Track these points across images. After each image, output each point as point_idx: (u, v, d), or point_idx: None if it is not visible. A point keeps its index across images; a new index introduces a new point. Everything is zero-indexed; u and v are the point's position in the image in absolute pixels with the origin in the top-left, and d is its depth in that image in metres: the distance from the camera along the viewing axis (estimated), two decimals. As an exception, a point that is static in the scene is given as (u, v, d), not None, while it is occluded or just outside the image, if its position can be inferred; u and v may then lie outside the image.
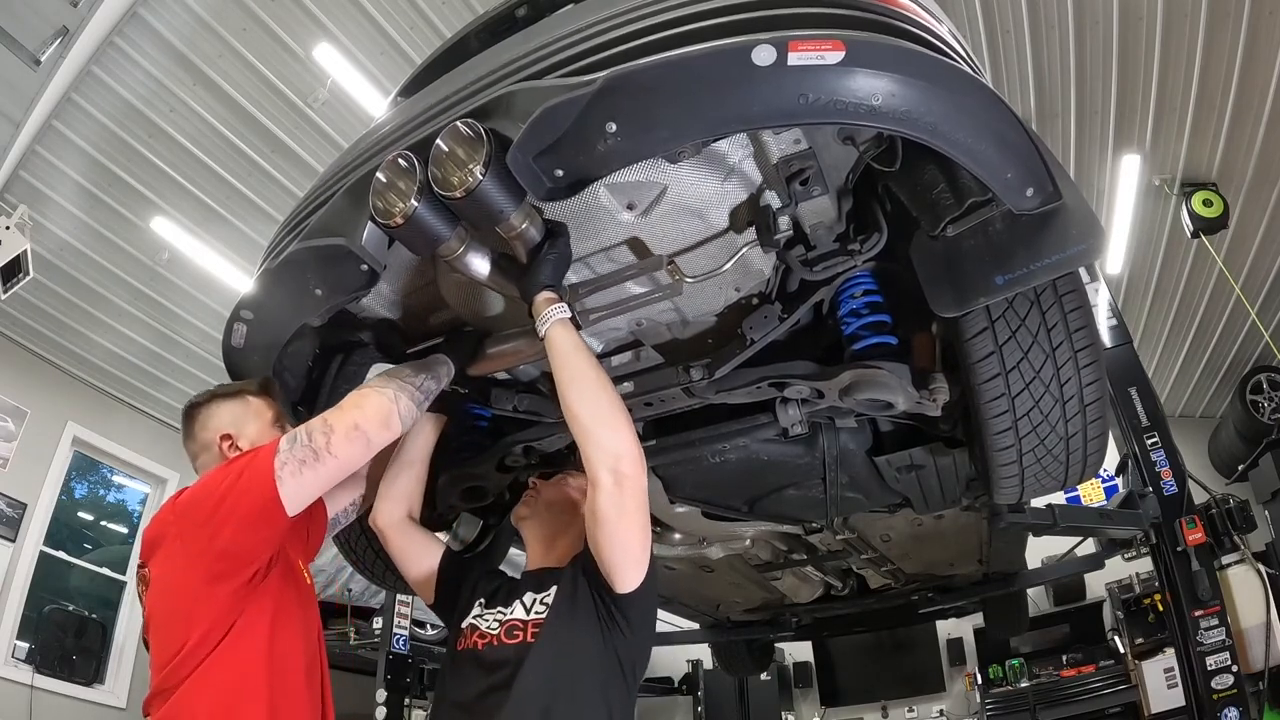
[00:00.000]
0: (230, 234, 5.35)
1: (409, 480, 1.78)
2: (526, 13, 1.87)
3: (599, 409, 1.39)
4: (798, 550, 2.84)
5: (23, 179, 4.69)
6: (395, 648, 4.55)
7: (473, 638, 1.58)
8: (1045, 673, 6.83)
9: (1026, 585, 3.90)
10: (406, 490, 1.78)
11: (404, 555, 1.78)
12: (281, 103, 4.80)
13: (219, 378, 1.70)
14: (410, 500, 1.78)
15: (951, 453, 1.80)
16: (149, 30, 4.27)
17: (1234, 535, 3.26)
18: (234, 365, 1.62)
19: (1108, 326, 3.51)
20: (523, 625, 1.53)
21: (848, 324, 1.57)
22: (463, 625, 1.64)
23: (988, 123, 1.10)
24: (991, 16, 4.55)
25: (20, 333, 5.79)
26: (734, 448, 1.86)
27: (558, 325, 1.40)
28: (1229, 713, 2.92)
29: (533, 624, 1.52)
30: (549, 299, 1.41)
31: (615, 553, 1.43)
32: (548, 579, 1.61)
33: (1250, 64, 4.57)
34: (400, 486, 1.77)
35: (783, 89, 1.02)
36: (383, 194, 1.27)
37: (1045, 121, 5.12)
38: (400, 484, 1.77)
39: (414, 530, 1.79)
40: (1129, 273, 6.24)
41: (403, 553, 1.78)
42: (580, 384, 1.39)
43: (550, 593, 1.55)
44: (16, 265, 4.51)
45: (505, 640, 1.52)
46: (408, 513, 1.78)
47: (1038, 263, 1.23)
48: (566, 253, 1.43)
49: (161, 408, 6.65)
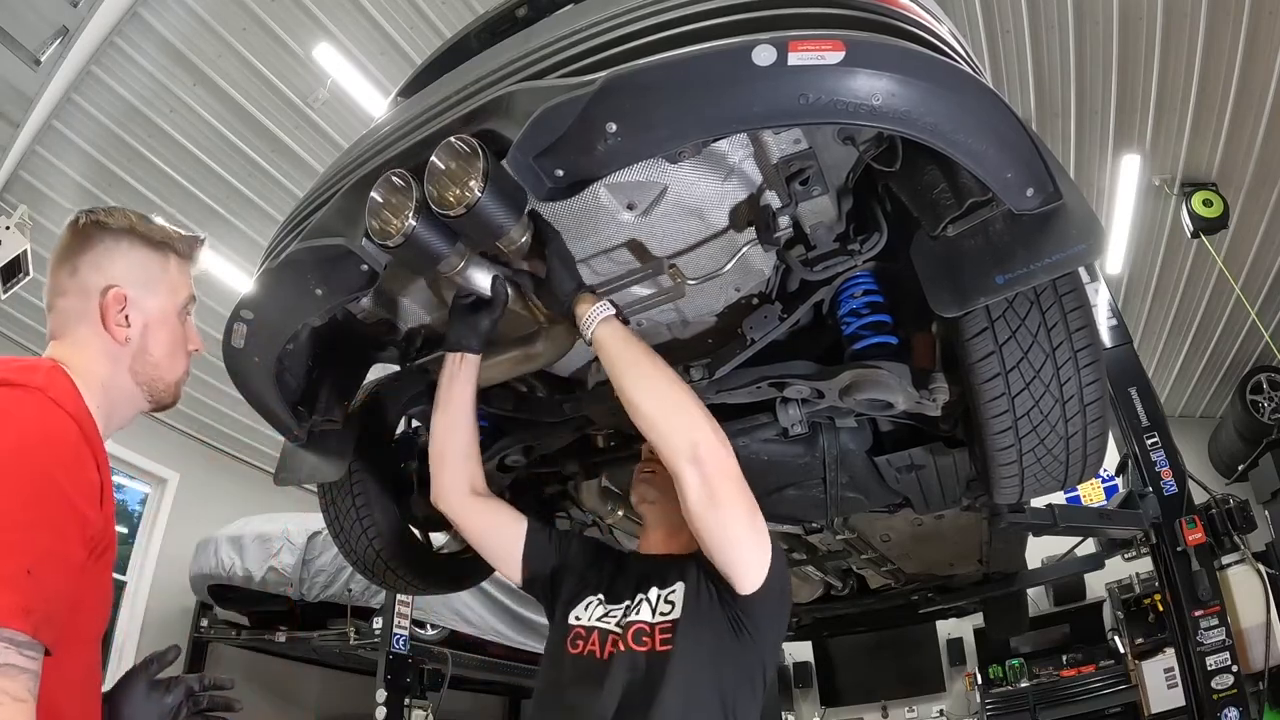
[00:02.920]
0: (230, 234, 5.35)
1: (460, 443, 1.55)
2: (526, 13, 1.87)
3: (663, 397, 1.30)
4: (798, 550, 2.85)
5: (23, 179, 4.69)
6: (395, 648, 4.55)
7: (591, 642, 1.40)
8: (1045, 673, 6.84)
9: (1026, 585, 3.91)
10: (461, 454, 1.55)
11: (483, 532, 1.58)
12: (281, 103, 4.80)
13: (219, 377, 1.68)
14: (468, 466, 1.56)
15: (951, 453, 1.80)
16: (149, 30, 4.27)
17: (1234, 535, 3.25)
18: (234, 365, 1.61)
19: (1108, 326, 3.50)
20: (650, 629, 1.36)
21: (848, 324, 1.57)
22: (572, 622, 1.46)
23: (988, 123, 1.10)
24: (991, 16, 4.55)
25: (20, 333, 5.78)
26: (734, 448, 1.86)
27: (603, 325, 1.35)
28: (1229, 713, 2.92)
29: (660, 629, 1.36)
30: (588, 300, 1.37)
31: (725, 551, 1.30)
32: (671, 571, 1.44)
33: (1250, 64, 4.57)
34: (452, 453, 1.55)
35: (783, 89, 1.02)
36: (379, 214, 1.25)
37: (1045, 121, 5.12)
38: (451, 450, 1.55)
39: (484, 503, 1.58)
40: (1129, 273, 6.24)
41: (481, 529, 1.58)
42: (637, 374, 1.32)
43: (676, 589, 1.39)
44: (16, 265, 4.50)
45: (633, 647, 1.35)
46: (470, 484, 1.56)
47: (1038, 262, 1.23)
48: (567, 252, 1.41)
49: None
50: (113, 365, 1.17)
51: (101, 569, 1.06)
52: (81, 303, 1.17)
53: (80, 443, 1.01)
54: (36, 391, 1.01)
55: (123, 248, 1.20)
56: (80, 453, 1.00)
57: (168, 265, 1.24)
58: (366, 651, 4.92)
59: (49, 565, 0.91)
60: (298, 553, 4.89)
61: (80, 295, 1.17)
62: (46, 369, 1.07)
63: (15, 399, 0.99)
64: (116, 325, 1.17)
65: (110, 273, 1.18)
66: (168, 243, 1.25)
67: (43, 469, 0.94)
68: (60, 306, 1.18)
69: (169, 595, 5.89)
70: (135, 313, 1.19)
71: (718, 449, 1.29)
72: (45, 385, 1.02)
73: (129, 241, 1.21)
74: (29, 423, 0.97)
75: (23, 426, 0.96)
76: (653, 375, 1.32)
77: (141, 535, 6.22)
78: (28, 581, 0.88)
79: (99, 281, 1.17)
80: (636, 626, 1.38)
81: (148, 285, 1.21)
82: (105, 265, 1.18)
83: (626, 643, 1.36)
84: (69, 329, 1.17)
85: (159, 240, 1.24)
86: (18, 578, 0.87)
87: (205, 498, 6.48)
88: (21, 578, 0.88)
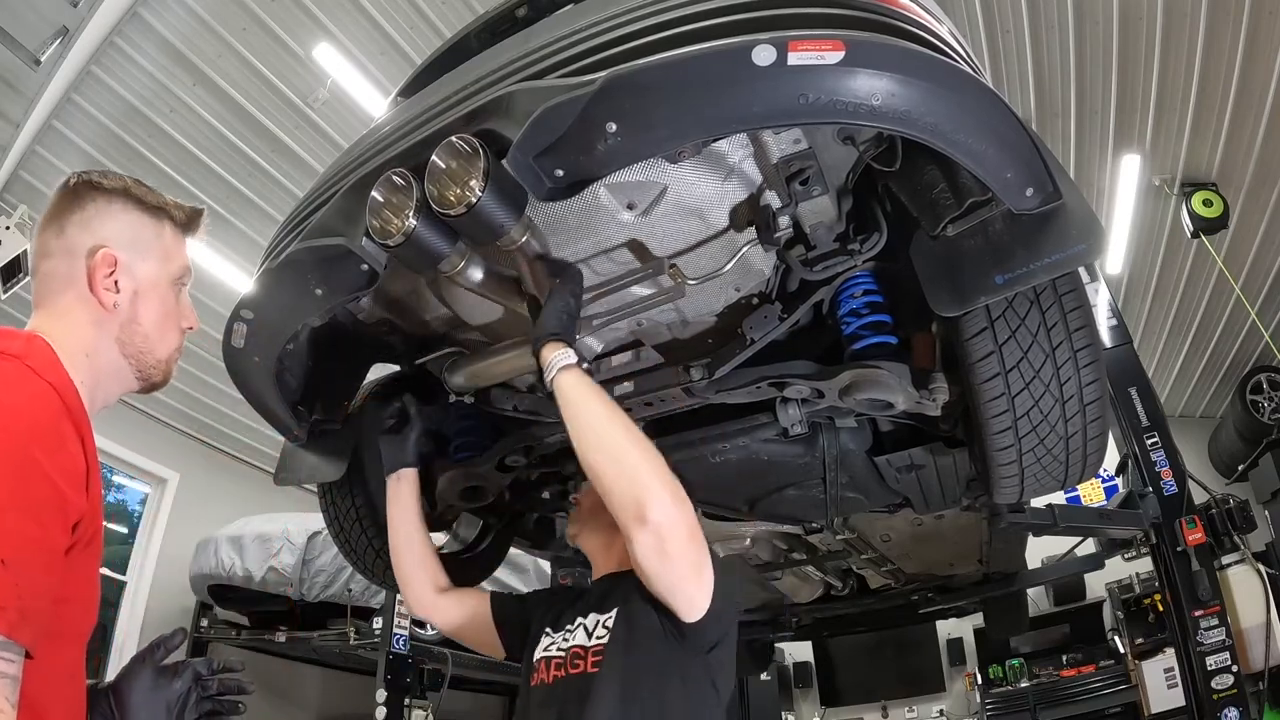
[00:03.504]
0: (230, 234, 5.35)
1: (416, 556, 1.71)
2: (526, 13, 1.87)
3: (613, 454, 1.27)
4: (798, 550, 2.85)
5: (23, 179, 4.69)
6: (395, 648, 4.54)
7: (543, 671, 1.48)
8: (1045, 673, 6.84)
9: (1026, 585, 3.91)
10: (419, 564, 1.71)
11: (459, 629, 1.70)
12: (281, 103, 4.80)
13: (219, 377, 1.68)
14: (429, 571, 1.71)
15: (951, 453, 1.80)
16: (149, 30, 4.27)
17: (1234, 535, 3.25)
18: (234, 365, 1.61)
19: (1108, 326, 3.50)
20: (584, 652, 1.42)
21: (848, 324, 1.57)
22: (533, 661, 1.52)
23: (988, 123, 1.10)
24: (991, 16, 4.55)
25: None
26: (734, 447, 1.86)
27: (563, 373, 1.30)
28: (1229, 713, 2.92)
29: (593, 651, 1.41)
30: (553, 346, 1.32)
31: (670, 595, 1.32)
32: (612, 595, 1.49)
33: (1250, 64, 4.57)
34: (411, 565, 1.71)
35: (783, 89, 1.02)
36: (380, 213, 1.26)
37: (1045, 121, 5.12)
38: (410, 564, 1.71)
39: (451, 598, 1.71)
40: (1129, 273, 6.24)
41: (456, 627, 1.70)
42: (595, 431, 1.28)
43: (612, 614, 1.44)
44: (16, 265, 4.49)
45: (570, 671, 1.42)
46: (434, 586, 1.70)
47: (1037, 262, 1.23)
48: (574, 304, 1.38)
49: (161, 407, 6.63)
50: (98, 333, 1.08)
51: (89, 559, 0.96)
52: (67, 265, 1.07)
53: (62, 416, 0.91)
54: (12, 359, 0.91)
55: (115, 209, 1.11)
56: (61, 427, 0.90)
57: (162, 231, 1.16)
58: (366, 651, 4.92)
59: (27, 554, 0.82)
60: (298, 553, 4.89)
61: (66, 256, 1.07)
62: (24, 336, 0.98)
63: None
64: (104, 290, 1.08)
65: (100, 233, 1.09)
66: (163, 208, 1.16)
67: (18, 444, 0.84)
68: (45, 270, 1.09)
69: (169, 595, 5.89)
70: (125, 278, 1.09)
71: (668, 507, 1.26)
72: (23, 353, 0.93)
73: (122, 203, 1.12)
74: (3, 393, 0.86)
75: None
76: (606, 430, 1.28)
77: (141, 535, 6.22)
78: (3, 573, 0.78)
79: (87, 241, 1.08)
80: (574, 650, 1.45)
81: (139, 249, 1.12)
82: (95, 225, 1.09)
83: (566, 667, 1.43)
84: (53, 294, 1.08)
85: (154, 205, 1.16)
86: None
87: (205, 498, 6.48)
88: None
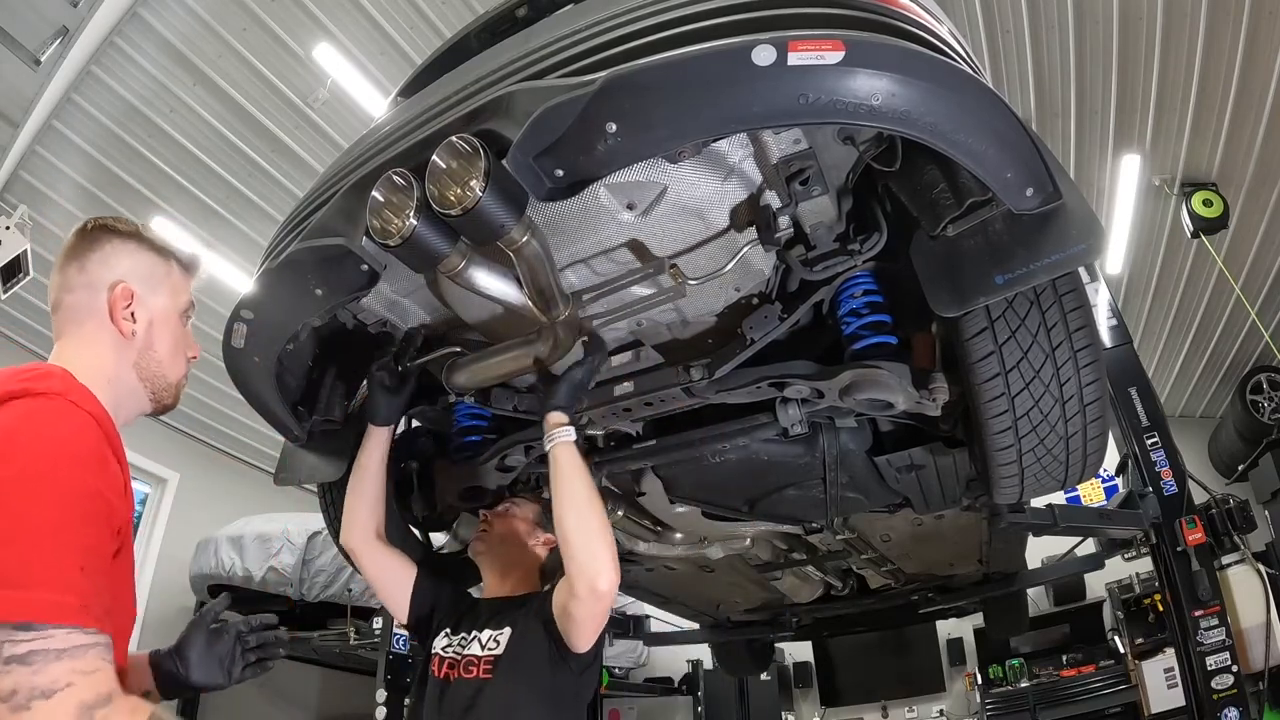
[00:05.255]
0: (230, 234, 5.35)
1: (370, 497, 1.82)
2: (526, 13, 1.87)
3: (589, 532, 1.50)
4: (798, 550, 2.85)
5: (23, 179, 4.68)
6: (395, 648, 4.54)
7: (443, 668, 1.71)
8: (1045, 673, 6.83)
9: (1026, 585, 3.91)
10: (368, 505, 1.81)
11: (378, 575, 1.85)
12: (281, 103, 4.79)
13: (219, 378, 1.69)
14: (375, 516, 1.83)
15: (951, 453, 1.80)
16: (149, 30, 4.26)
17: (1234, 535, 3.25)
18: (234, 365, 1.61)
19: (1108, 326, 3.50)
20: (477, 661, 1.67)
21: (848, 324, 1.57)
22: (432, 650, 1.76)
23: (988, 123, 1.10)
24: (991, 16, 4.54)
25: (20, 333, 5.77)
26: (734, 448, 1.86)
27: (561, 447, 1.54)
28: (1229, 713, 2.92)
29: (486, 660, 1.66)
30: (558, 420, 1.56)
31: (575, 639, 1.60)
32: (505, 614, 1.74)
33: (1250, 64, 4.57)
34: (361, 503, 1.81)
35: (782, 89, 1.02)
36: (380, 213, 1.26)
37: (1045, 121, 5.12)
38: (361, 500, 1.81)
39: (384, 549, 1.84)
40: (1129, 273, 6.24)
41: (377, 572, 1.84)
42: (575, 505, 1.51)
43: (504, 632, 1.69)
44: (16, 265, 4.49)
45: (464, 675, 1.67)
46: (375, 531, 1.82)
47: (1037, 262, 1.23)
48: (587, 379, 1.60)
49: (161, 408, 6.65)
50: (119, 359, 1.22)
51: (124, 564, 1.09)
52: (89, 297, 1.21)
53: (102, 441, 1.05)
54: (57, 397, 1.05)
55: (130, 248, 1.26)
56: (102, 450, 1.04)
57: (170, 269, 1.31)
58: (366, 651, 4.92)
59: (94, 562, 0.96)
60: (298, 553, 4.89)
61: (88, 290, 1.21)
62: (59, 374, 1.11)
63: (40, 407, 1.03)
64: (124, 319, 1.22)
65: (118, 269, 1.23)
66: (170, 250, 1.33)
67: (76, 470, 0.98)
68: (68, 303, 1.22)
69: (169, 595, 5.88)
70: (141, 309, 1.24)
71: (614, 583, 1.51)
72: (64, 390, 1.07)
73: (135, 244, 1.27)
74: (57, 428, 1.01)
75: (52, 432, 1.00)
76: (586, 507, 1.52)
77: (141, 535, 6.22)
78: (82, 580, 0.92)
79: (108, 277, 1.22)
80: (468, 659, 1.69)
81: (152, 284, 1.27)
82: (114, 262, 1.23)
83: (459, 671, 1.68)
84: (76, 325, 1.22)
85: (162, 247, 1.32)
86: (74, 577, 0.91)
87: (205, 498, 6.48)
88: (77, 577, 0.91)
